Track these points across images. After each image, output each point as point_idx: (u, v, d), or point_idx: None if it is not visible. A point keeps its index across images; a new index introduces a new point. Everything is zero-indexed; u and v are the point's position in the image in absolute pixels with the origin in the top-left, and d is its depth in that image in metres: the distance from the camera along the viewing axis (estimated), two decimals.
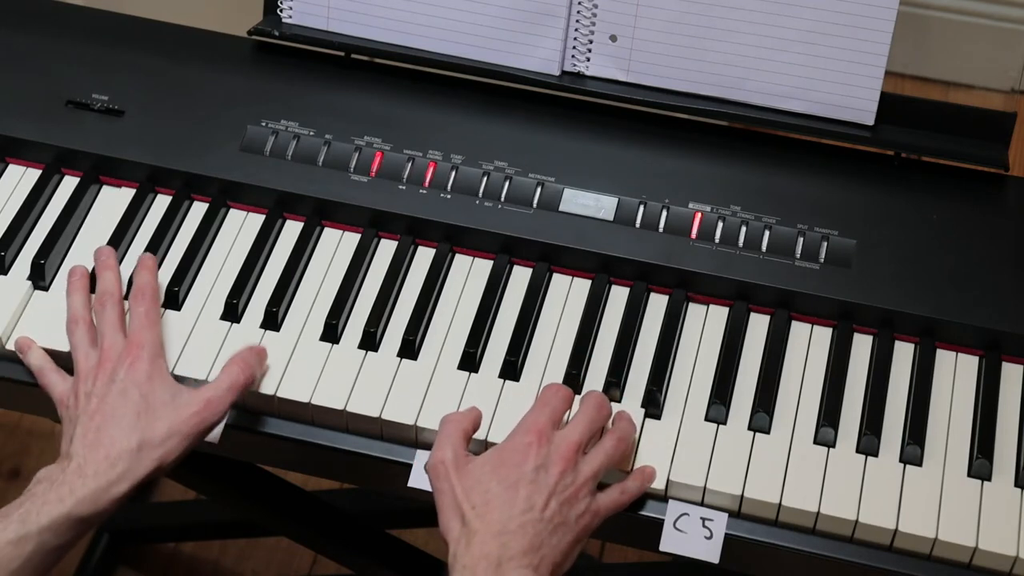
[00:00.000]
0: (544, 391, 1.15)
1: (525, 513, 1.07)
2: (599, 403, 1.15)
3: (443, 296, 1.26)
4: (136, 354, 1.16)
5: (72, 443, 1.13)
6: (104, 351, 1.17)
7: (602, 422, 1.15)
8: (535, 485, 1.08)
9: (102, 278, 1.23)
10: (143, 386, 1.15)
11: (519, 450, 1.10)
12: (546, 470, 1.09)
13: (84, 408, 1.14)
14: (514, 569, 1.04)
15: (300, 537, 1.71)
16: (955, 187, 1.31)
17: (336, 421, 1.20)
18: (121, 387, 1.14)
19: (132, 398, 1.14)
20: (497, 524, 1.06)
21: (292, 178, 1.31)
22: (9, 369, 1.24)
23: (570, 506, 1.09)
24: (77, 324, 1.20)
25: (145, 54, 1.40)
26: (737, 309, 1.25)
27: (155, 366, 1.16)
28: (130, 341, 1.17)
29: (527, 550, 1.05)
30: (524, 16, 1.34)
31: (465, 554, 1.05)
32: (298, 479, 1.69)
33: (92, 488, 1.11)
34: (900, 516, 1.13)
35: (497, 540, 1.05)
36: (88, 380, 1.16)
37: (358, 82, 1.38)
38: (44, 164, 1.35)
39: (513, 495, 1.07)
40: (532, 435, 1.10)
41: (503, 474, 1.09)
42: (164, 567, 2.02)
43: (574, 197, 1.29)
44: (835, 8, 1.27)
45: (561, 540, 1.08)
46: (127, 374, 1.15)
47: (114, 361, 1.16)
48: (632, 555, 1.97)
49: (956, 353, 1.23)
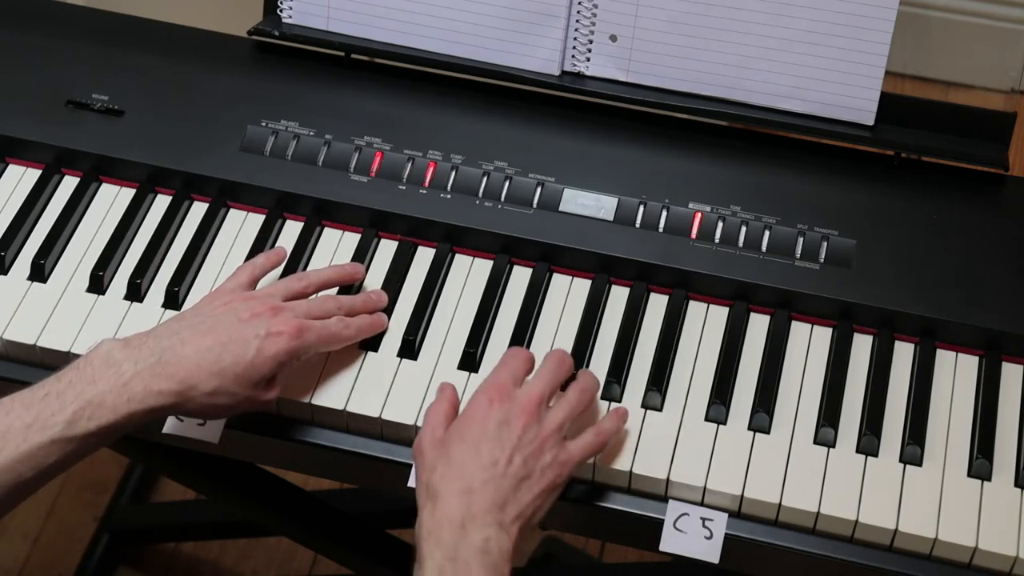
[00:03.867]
0: (505, 354, 1.15)
1: (487, 469, 1.07)
2: (560, 358, 1.15)
3: (443, 296, 1.27)
4: (291, 332, 1.13)
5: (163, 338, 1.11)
6: (279, 304, 1.15)
7: (564, 376, 1.15)
8: (497, 441, 1.08)
9: (331, 276, 1.23)
10: (264, 356, 1.11)
11: (480, 409, 1.10)
12: (508, 425, 1.09)
13: (211, 315, 1.13)
14: (479, 528, 1.04)
15: (300, 537, 1.71)
16: (955, 187, 1.31)
17: (336, 421, 1.20)
18: (249, 335, 1.11)
19: (247, 353, 1.11)
20: (460, 483, 1.06)
21: (292, 178, 1.31)
22: (9, 369, 1.24)
23: (535, 459, 1.09)
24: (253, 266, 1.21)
25: (145, 54, 1.40)
26: (737, 309, 1.25)
27: (287, 355, 1.13)
28: (300, 324, 1.14)
29: (491, 507, 1.05)
30: (524, 16, 1.34)
31: (430, 519, 1.06)
32: (298, 479, 1.69)
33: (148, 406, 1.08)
34: (900, 516, 1.13)
35: (461, 499, 1.05)
36: (244, 303, 1.14)
37: (358, 82, 1.38)
38: (44, 164, 1.35)
39: (475, 453, 1.07)
40: (492, 392, 1.11)
41: (465, 433, 1.09)
42: (164, 567, 2.02)
43: (574, 197, 1.29)
44: (835, 8, 1.27)
45: (527, 493, 1.08)
46: (266, 336, 1.12)
47: (267, 313, 1.13)
48: (632, 555, 1.97)
49: (956, 353, 1.23)
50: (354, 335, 1.20)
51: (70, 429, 1.06)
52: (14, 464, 1.05)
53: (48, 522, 2.04)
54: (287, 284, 1.20)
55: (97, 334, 1.23)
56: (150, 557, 2.03)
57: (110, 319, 1.24)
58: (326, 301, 1.19)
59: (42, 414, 1.06)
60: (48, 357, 1.23)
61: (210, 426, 1.19)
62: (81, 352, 1.21)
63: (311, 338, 1.15)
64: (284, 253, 1.25)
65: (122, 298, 1.26)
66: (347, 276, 1.25)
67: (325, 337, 1.16)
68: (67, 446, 1.06)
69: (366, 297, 1.23)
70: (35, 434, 1.05)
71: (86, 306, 1.25)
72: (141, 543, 2.04)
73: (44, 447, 1.05)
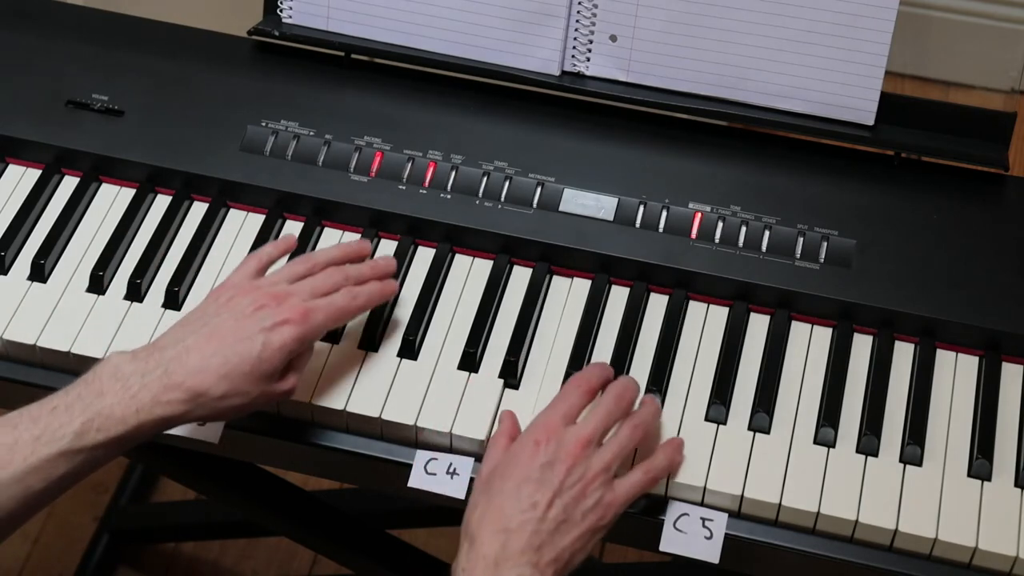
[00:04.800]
0: (566, 384, 1.14)
1: (526, 512, 1.06)
2: (619, 394, 1.13)
3: (443, 296, 1.26)
4: (297, 318, 1.11)
5: (168, 348, 1.09)
6: (282, 290, 1.13)
7: (622, 412, 1.13)
8: (539, 484, 1.07)
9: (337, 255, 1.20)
10: (272, 348, 1.10)
11: (527, 448, 1.09)
12: (551, 468, 1.08)
13: (216, 314, 1.11)
14: (512, 568, 1.04)
15: (300, 537, 1.71)
16: (955, 187, 1.31)
17: (336, 421, 1.20)
18: (254, 330, 1.10)
19: (253, 349, 1.09)
20: (498, 523, 1.06)
21: (292, 178, 1.31)
22: (9, 369, 1.24)
23: (576, 503, 1.07)
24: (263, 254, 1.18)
25: (145, 54, 1.40)
26: (737, 309, 1.25)
27: (296, 342, 1.11)
28: (304, 307, 1.12)
29: (526, 548, 1.05)
30: (524, 16, 1.34)
31: (465, 558, 1.05)
32: (298, 479, 1.69)
33: (158, 416, 1.07)
34: (900, 516, 1.13)
35: (497, 539, 1.05)
36: (247, 296, 1.12)
37: (358, 82, 1.38)
38: (44, 164, 1.35)
39: (516, 494, 1.06)
40: (540, 432, 1.10)
41: (508, 474, 1.08)
42: (164, 567, 2.02)
43: (574, 197, 1.29)
44: (835, 8, 1.27)
45: (564, 538, 1.06)
46: (271, 327, 1.10)
47: (271, 303, 1.11)
48: (632, 555, 1.97)
49: (956, 353, 1.23)
50: (364, 304, 1.17)
51: (78, 441, 1.05)
52: (23, 476, 1.04)
53: (48, 522, 2.04)
54: (292, 268, 1.17)
55: (97, 334, 1.23)
56: (150, 557, 2.03)
57: (110, 319, 1.24)
58: (332, 274, 1.16)
59: (50, 426, 1.05)
60: (48, 357, 1.23)
61: (210, 426, 1.19)
62: (81, 352, 1.22)
63: (319, 318, 1.12)
64: (294, 240, 1.22)
65: (122, 298, 1.26)
66: (354, 253, 1.21)
67: (333, 314, 1.14)
68: (75, 458, 1.05)
69: (373, 264, 1.20)
70: (43, 446, 1.04)
71: (86, 306, 1.25)
72: (141, 543, 2.04)
73: (52, 459, 1.05)
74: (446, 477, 1.17)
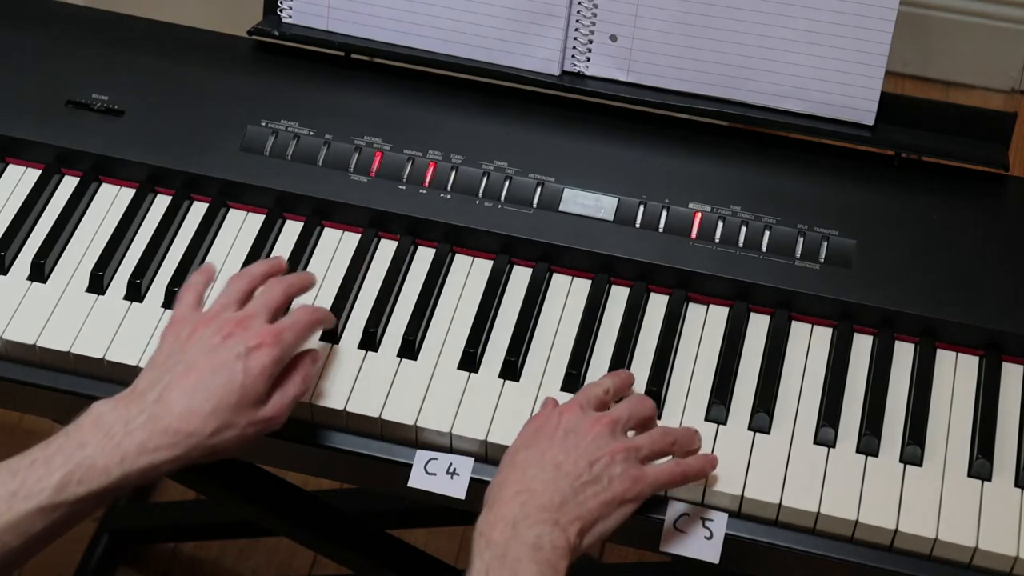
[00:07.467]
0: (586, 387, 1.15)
1: (547, 471, 1.05)
2: (643, 396, 1.15)
3: (443, 296, 1.26)
4: (270, 340, 1.09)
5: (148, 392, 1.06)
6: (241, 314, 1.11)
7: (645, 412, 1.13)
8: (562, 445, 1.07)
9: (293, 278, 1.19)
10: (253, 374, 1.07)
11: (551, 420, 1.09)
12: (576, 432, 1.08)
13: (183, 351, 1.08)
14: (531, 525, 1.02)
15: (300, 537, 1.71)
16: (955, 187, 1.31)
17: (336, 421, 1.20)
18: (230, 359, 1.07)
19: (235, 377, 1.06)
20: (519, 484, 1.05)
21: (292, 178, 1.31)
22: (9, 369, 1.24)
23: (601, 466, 1.06)
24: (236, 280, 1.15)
25: (145, 54, 1.40)
26: (737, 309, 1.25)
27: (274, 364, 1.09)
28: (274, 329, 1.10)
29: (547, 505, 1.03)
30: (524, 16, 1.34)
31: (484, 521, 1.04)
32: (298, 479, 1.69)
33: (145, 464, 1.03)
34: (900, 516, 1.13)
35: (517, 500, 1.04)
36: (208, 327, 1.09)
37: (358, 82, 1.38)
38: (44, 164, 1.35)
39: (539, 458, 1.06)
40: (564, 407, 1.10)
41: (532, 441, 1.08)
42: (164, 567, 2.02)
43: (574, 197, 1.29)
44: (835, 8, 1.27)
45: (590, 499, 1.05)
46: (247, 353, 1.08)
47: (236, 329, 1.09)
48: (632, 555, 1.97)
49: (956, 353, 1.23)
50: (325, 316, 1.17)
51: (58, 495, 1.01)
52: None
53: None
54: (233, 287, 1.15)
55: (97, 334, 1.23)
56: (150, 557, 2.03)
57: (110, 319, 1.24)
58: (273, 285, 1.16)
59: (27, 480, 1.01)
60: (48, 357, 1.23)
61: None
62: (81, 352, 1.22)
63: (289, 337, 1.11)
64: (212, 266, 1.21)
65: (122, 298, 1.26)
66: (273, 267, 1.20)
67: (300, 330, 1.12)
68: (54, 513, 1.01)
69: (297, 276, 1.19)
70: (20, 502, 1.00)
71: (86, 306, 1.25)
72: (141, 543, 2.04)
73: (31, 515, 1.00)
74: (446, 477, 1.17)
